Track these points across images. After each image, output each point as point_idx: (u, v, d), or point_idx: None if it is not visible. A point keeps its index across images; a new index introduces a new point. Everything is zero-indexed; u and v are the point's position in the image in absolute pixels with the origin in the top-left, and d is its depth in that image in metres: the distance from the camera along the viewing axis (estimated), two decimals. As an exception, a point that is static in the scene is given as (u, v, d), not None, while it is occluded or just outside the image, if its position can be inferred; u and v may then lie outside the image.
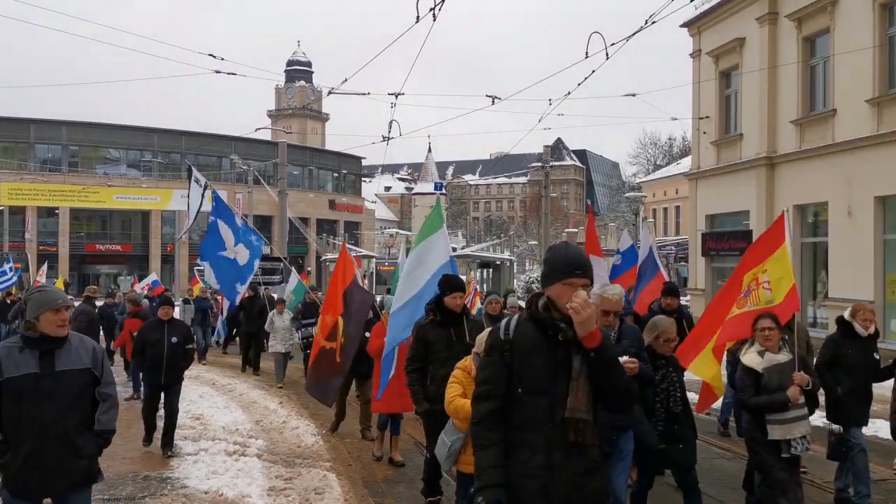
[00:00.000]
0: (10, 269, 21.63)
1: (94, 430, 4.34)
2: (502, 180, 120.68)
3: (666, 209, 52.00)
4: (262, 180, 31.14)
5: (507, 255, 46.00)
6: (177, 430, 8.78)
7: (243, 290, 13.72)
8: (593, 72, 12.22)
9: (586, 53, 11.51)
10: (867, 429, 7.02)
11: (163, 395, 8.73)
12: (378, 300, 10.20)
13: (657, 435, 5.37)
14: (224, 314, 18.78)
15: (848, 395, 6.28)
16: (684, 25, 22.48)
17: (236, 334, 18.25)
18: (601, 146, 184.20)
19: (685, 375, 6.15)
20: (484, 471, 3.09)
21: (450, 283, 6.19)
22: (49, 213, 51.94)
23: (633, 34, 11.24)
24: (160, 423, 8.76)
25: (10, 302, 18.99)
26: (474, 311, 11.73)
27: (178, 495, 6.98)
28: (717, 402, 8.68)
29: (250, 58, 62.45)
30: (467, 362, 5.08)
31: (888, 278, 15.38)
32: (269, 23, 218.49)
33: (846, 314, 6.48)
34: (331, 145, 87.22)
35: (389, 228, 75.76)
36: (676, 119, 43.32)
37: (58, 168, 52.77)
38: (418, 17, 10.30)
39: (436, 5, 10.03)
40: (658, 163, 67.03)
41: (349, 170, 71.22)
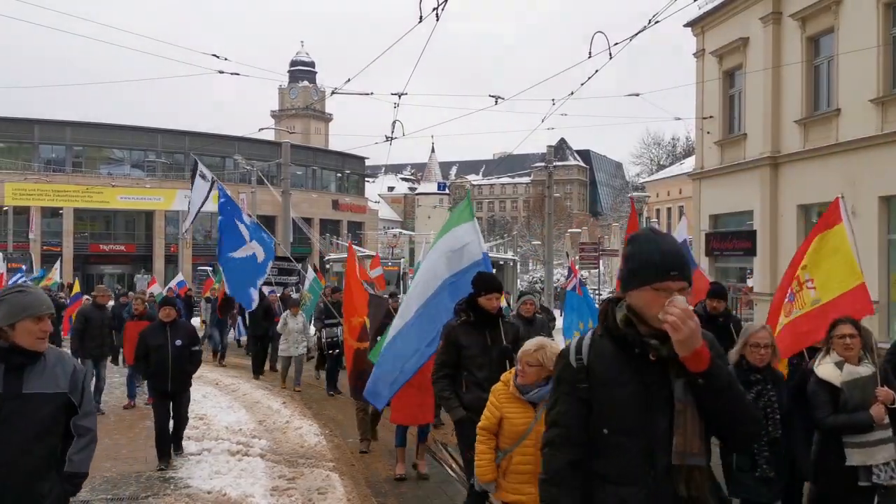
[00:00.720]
0: (21, 274, 21.80)
1: (62, 473, 3.37)
2: (506, 180, 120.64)
3: (669, 209, 52.00)
4: (265, 180, 31.13)
5: (510, 255, 45.95)
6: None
7: (256, 294, 12.64)
8: (596, 71, 12.16)
9: (590, 53, 11.48)
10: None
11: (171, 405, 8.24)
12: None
13: (757, 465, 4.58)
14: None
15: None
16: (688, 25, 22.45)
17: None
18: (605, 146, 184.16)
19: None
20: None
21: (486, 282, 5.67)
22: (53, 213, 52.02)
23: (637, 34, 11.18)
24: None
25: None
26: None
27: (182, 495, 6.99)
28: None
29: (254, 58, 62.52)
30: (508, 376, 4.41)
31: (892, 278, 15.34)
32: (273, 23, 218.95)
33: None
34: (334, 145, 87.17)
35: (393, 229, 75.71)
36: (680, 119, 42.93)
37: (61, 168, 52.83)
38: (421, 17, 10.29)
39: (438, 5, 10.02)
40: (661, 163, 66.95)
41: (352, 170, 71.25)
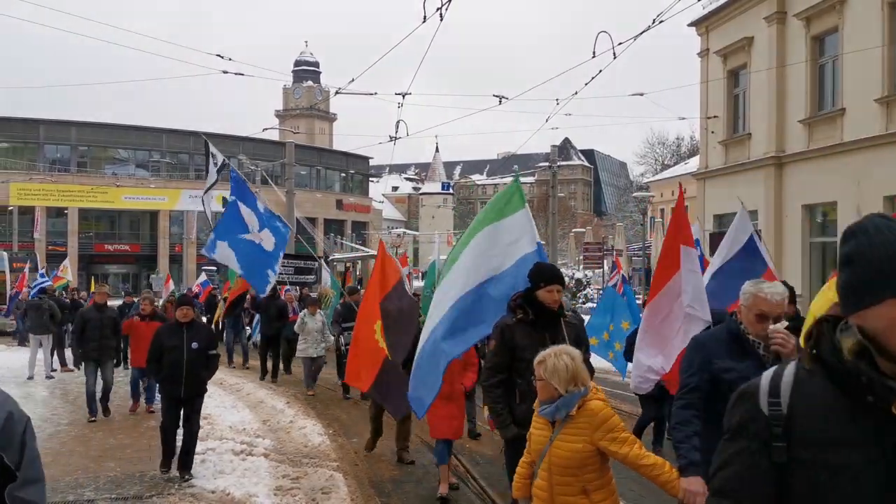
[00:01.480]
0: (42, 275, 21.93)
1: None
2: (510, 180, 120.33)
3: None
4: (269, 180, 31.10)
5: (514, 255, 45.84)
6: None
7: (274, 279, 12.50)
8: (600, 71, 12.17)
9: (593, 53, 11.50)
10: None
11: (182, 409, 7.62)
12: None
13: None
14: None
15: None
16: (692, 25, 22.43)
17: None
18: (609, 146, 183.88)
19: None
20: None
21: (544, 272, 4.86)
22: (58, 213, 52.18)
23: (641, 33, 11.21)
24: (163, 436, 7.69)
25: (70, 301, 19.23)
26: None
27: (185, 494, 7.00)
28: None
29: (258, 58, 62.67)
30: None
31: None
32: (277, 23, 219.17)
33: None
34: (338, 145, 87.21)
35: (397, 228, 75.78)
36: (684, 118, 43.28)
37: (67, 168, 52.99)
38: (425, 17, 10.31)
39: (443, 5, 10.04)
40: (666, 162, 66.84)
41: (356, 170, 71.29)
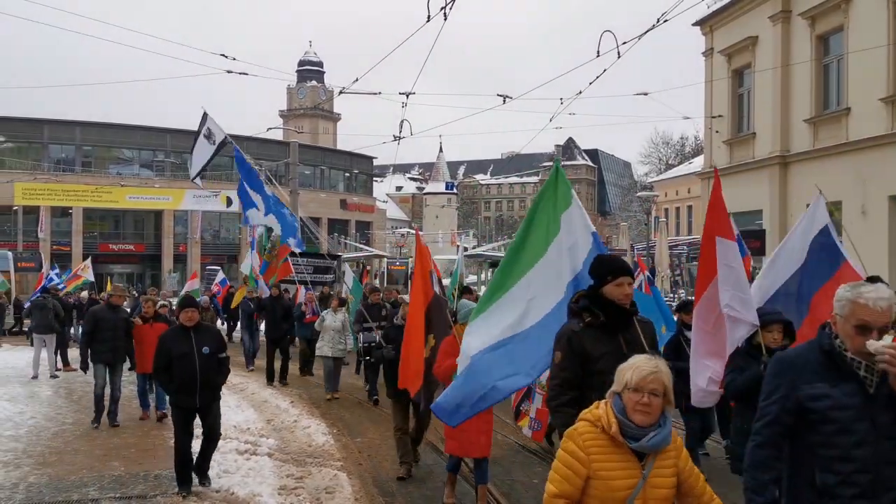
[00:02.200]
0: (57, 275, 22.03)
1: None
2: (514, 180, 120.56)
3: (678, 208, 51.80)
4: (273, 180, 31.10)
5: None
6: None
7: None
8: (605, 71, 12.17)
9: (598, 52, 11.47)
10: None
11: (198, 418, 7.16)
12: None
13: None
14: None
15: None
16: (696, 24, 22.39)
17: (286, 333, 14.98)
18: (613, 145, 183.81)
19: None
20: None
21: (611, 264, 4.13)
22: (62, 212, 52.29)
23: (645, 33, 11.19)
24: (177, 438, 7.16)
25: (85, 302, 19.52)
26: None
27: (189, 494, 7.00)
28: None
29: (262, 58, 62.73)
30: (599, 412, 2.96)
31: (903, 278, 15.26)
32: (281, 23, 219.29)
33: None
34: (342, 145, 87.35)
35: (401, 228, 75.84)
36: (689, 118, 42.99)
37: (71, 168, 53.07)
38: (429, 17, 10.31)
39: (447, 5, 10.04)
40: (670, 162, 66.76)
41: (360, 169, 71.29)
